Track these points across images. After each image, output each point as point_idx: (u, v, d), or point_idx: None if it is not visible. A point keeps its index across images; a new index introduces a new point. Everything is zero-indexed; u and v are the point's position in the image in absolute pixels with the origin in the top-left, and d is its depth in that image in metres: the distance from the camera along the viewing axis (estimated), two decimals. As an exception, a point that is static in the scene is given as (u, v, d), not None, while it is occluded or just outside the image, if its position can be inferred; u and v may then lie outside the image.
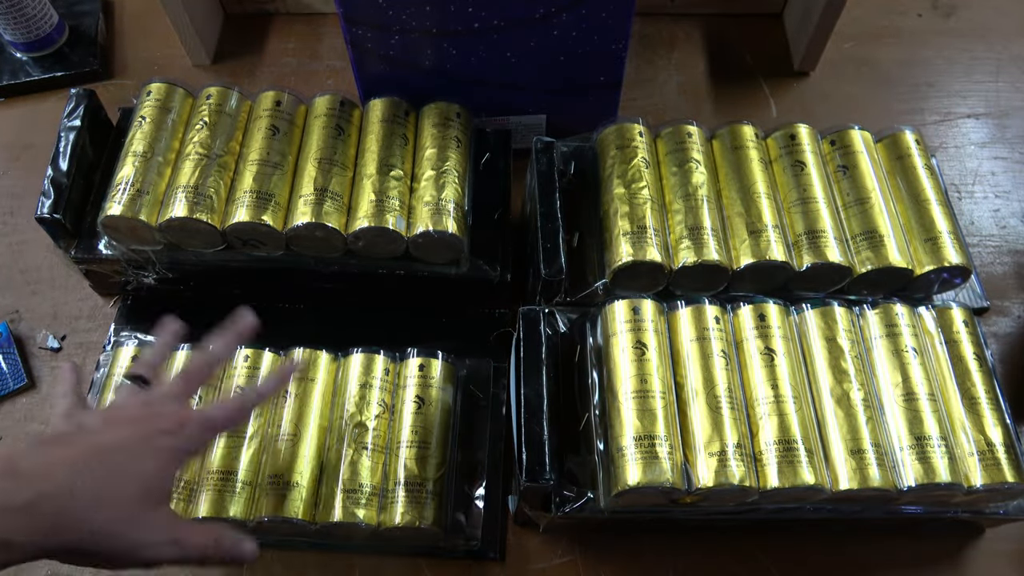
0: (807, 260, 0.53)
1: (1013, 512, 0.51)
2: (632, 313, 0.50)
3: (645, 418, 0.46)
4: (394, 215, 0.54)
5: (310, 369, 0.54)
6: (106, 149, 0.60)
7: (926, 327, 0.52)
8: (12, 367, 0.61)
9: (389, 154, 0.56)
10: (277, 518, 0.49)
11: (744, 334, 0.51)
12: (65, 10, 0.78)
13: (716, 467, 0.45)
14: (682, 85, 0.77)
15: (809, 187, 0.55)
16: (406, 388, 0.54)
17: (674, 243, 0.54)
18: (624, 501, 0.47)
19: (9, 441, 0.59)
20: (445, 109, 0.59)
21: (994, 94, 0.78)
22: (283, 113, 0.58)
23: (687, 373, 0.49)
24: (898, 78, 0.79)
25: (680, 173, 0.56)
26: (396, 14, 0.56)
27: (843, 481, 0.47)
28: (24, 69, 0.75)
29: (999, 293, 0.66)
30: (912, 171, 0.57)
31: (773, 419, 0.47)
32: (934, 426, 0.48)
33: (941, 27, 0.82)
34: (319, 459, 0.52)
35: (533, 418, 0.47)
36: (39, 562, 0.53)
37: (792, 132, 0.58)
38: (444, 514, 0.52)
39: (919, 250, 0.55)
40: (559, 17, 0.56)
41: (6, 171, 0.71)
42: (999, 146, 0.74)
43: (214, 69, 0.78)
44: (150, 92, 0.58)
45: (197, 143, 0.56)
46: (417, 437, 0.52)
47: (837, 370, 0.49)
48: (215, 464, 0.51)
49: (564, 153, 0.59)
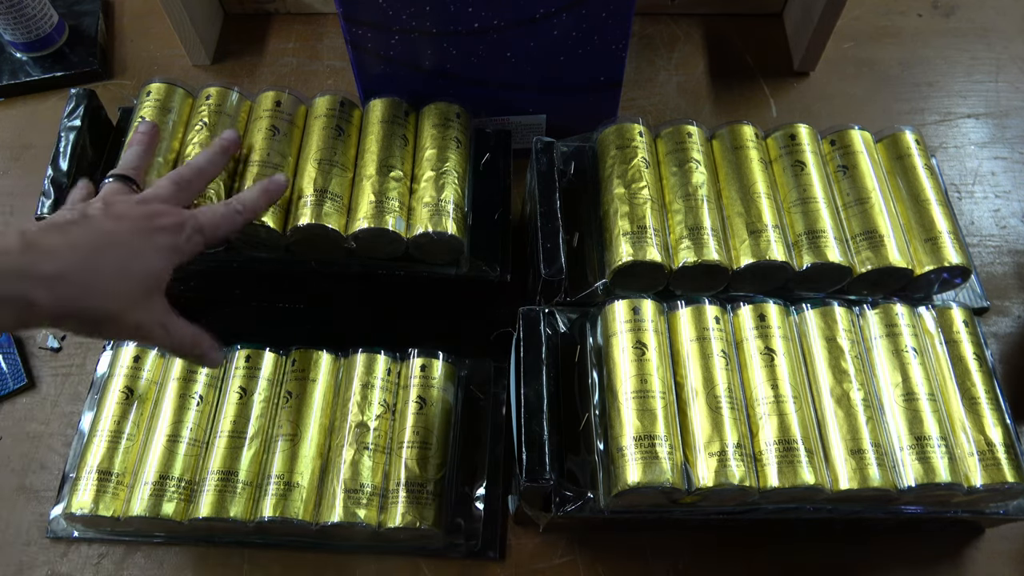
0: (807, 260, 0.53)
1: (1013, 512, 0.51)
2: (632, 313, 0.50)
3: (645, 418, 0.46)
4: (394, 216, 0.54)
5: (311, 369, 0.54)
6: (106, 149, 0.60)
7: (926, 327, 0.52)
8: (12, 367, 0.61)
9: (389, 155, 0.56)
10: (278, 518, 0.49)
11: (744, 334, 0.51)
12: (65, 10, 0.78)
13: (716, 467, 0.46)
14: (682, 85, 0.77)
15: (809, 187, 0.55)
16: (408, 388, 0.54)
17: (674, 243, 0.54)
18: (624, 501, 0.47)
19: (9, 442, 0.59)
20: (445, 109, 0.59)
21: (994, 94, 0.78)
22: (283, 113, 0.58)
23: (687, 373, 0.49)
24: (898, 78, 0.79)
25: (680, 173, 0.56)
26: (396, 14, 0.56)
27: (843, 481, 0.47)
28: (24, 69, 0.75)
29: (999, 293, 0.66)
30: (912, 171, 0.57)
31: (773, 419, 0.47)
32: (934, 426, 0.48)
33: (941, 27, 0.82)
34: (320, 459, 0.52)
35: (533, 418, 0.47)
36: (38, 561, 0.54)
37: (792, 132, 0.58)
38: (444, 514, 0.52)
39: (919, 250, 0.55)
40: (559, 17, 0.56)
41: (6, 171, 0.71)
42: (999, 146, 0.74)
43: (214, 69, 0.78)
44: (150, 92, 0.58)
45: (197, 144, 0.56)
46: (418, 437, 0.52)
47: (837, 370, 0.49)
48: (216, 464, 0.51)
49: (564, 153, 0.59)
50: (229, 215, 0.49)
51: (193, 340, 0.47)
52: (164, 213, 0.46)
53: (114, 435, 0.53)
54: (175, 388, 0.54)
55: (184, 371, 0.54)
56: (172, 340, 0.46)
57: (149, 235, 0.44)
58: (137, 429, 0.53)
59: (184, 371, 0.54)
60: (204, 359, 0.48)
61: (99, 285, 0.41)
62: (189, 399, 0.53)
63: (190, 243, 0.46)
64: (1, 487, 0.57)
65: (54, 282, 0.39)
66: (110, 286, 0.41)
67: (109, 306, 0.41)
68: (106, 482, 0.51)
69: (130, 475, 0.52)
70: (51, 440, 0.59)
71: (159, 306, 0.45)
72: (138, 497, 0.50)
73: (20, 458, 0.58)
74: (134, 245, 0.43)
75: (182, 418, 0.53)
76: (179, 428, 0.52)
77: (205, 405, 0.54)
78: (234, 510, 0.50)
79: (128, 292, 0.42)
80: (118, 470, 0.52)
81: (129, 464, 0.52)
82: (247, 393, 0.54)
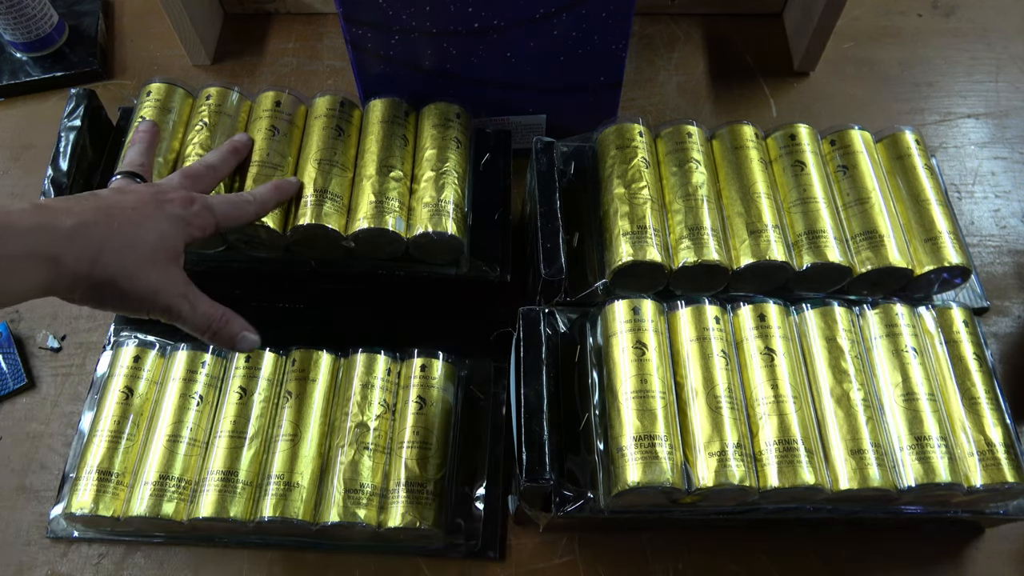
0: (807, 260, 0.53)
1: (1013, 512, 0.51)
2: (632, 313, 0.50)
3: (645, 418, 0.46)
4: (393, 216, 0.54)
5: (311, 369, 0.54)
6: (106, 149, 0.60)
7: (926, 327, 0.52)
8: (12, 367, 0.61)
9: (389, 155, 0.56)
10: (277, 518, 0.49)
11: (744, 334, 0.51)
12: (65, 10, 0.78)
13: (716, 467, 0.46)
14: (682, 85, 0.77)
15: (809, 187, 0.55)
16: (408, 388, 0.54)
17: (674, 243, 0.54)
18: (624, 501, 0.47)
19: (9, 442, 0.59)
20: (445, 109, 0.59)
21: (994, 94, 0.78)
22: (283, 113, 0.58)
23: (687, 373, 0.49)
24: (898, 78, 0.79)
25: (680, 173, 0.56)
26: (396, 14, 0.56)
27: (843, 481, 0.47)
28: (24, 69, 0.75)
29: (999, 293, 0.66)
30: (912, 171, 0.57)
31: (773, 419, 0.47)
32: (934, 426, 0.48)
33: (941, 27, 0.82)
34: (320, 459, 0.52)
35: (533, 418, 0.47)
36: (38, 561, 0.54)
37: (792, 132, 0.58)
38: (444, 514, 0.52)
39: (919, 250, 0.55)
40: (559, 17, 0.56)
41: (6, 171, 0.71)
42: (999, 146, 0.74)
43: (214, 69, 0.78)
44: (150, 92, 0.58)
45: (197, 144, 0.56)
46: (418, 437, 0.52)
47: (837, 370, 0.49)
48: (216, 464, 0.51)
49: (564, 153, 0.59)
50: (240, 203, 0.50)
51: (222, 318, 0.46)
52: (173, 190, 0.47)
53: (114, 435, 0.53)
54: (175, 388, 0.54)
55: (184, 371, 0.54)
56: (196, 316, 0.45)
57: (159, 205, 0.45)
58: (137, 429, 0.53)
59: (184, 371, 0.54)
60: (235, 341, 0.47)
61: (115, 242, 0.41)
62: (189, 399, 0.53)
63: (200, 218, 0.46)
64: (1, 487, 0.57)
65: (73, 237, 0.40)
66: (125, 244, 0.42)
67: (128, 264, 0.42)
68: (106, 482, 0.51)
69: (130, 475, 0.52)
70: (51, 440, 0.59)
71: (178, 276, 0.45)
72: (138, 497, 0.51)
73: (20, 458, 0.58)
74: (145, 211, 0.44)
75: (182, 418, 0.53)
76: (179, 428, 0.52)
77: (205, 405, 0.54)
78: (234, 510, 0.50)
79: (144, 253, 0.43)
80: (118, 470, 0.52)
81: (129, 464, 0.52)
82: (247, 393, 0.54)
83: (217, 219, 0.48)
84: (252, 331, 0.48)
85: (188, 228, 0.46)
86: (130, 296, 0.43)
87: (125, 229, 0.42)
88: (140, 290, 0.43)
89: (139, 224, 0.43)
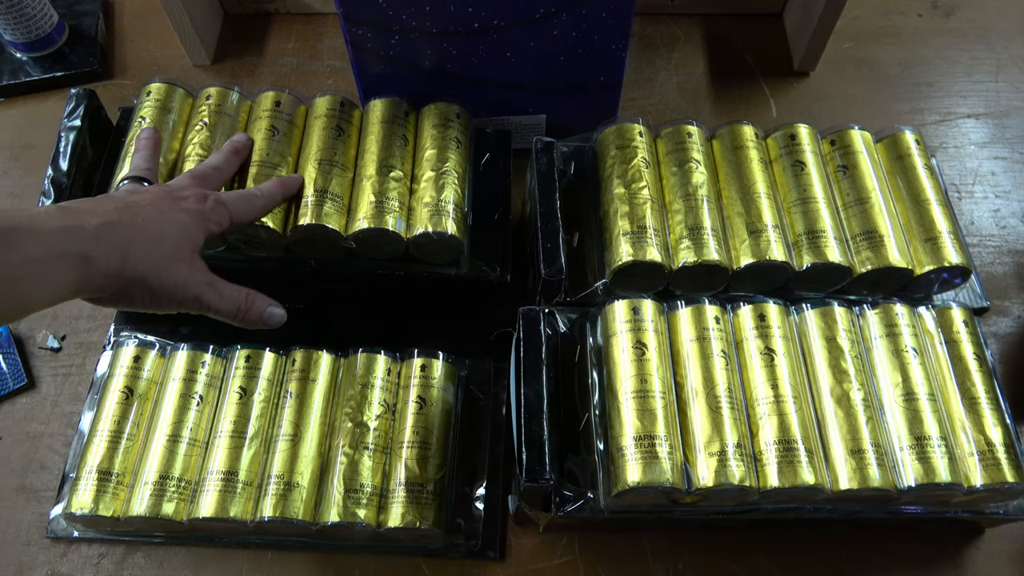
0: (807, 260, 0.53)
1: (1013, 512, 0.51)
2: (632, 313, 0.50)
3: (645, 418, 0.46)
4: (393, 216, 0.54)
5: (311, 369, 0.54)
6: (106, 149, 0.60)
7: (926, 327, 0.52)
8: (12, 367, 0.61)
9: (389, 155, 0.56)
10: (277, 518, 0.49)
11: (744, 334, 0.51)
12: (65, 10, 0.78)
13: (716, 467, 0.46)
14: (682, 85, 0.77)
15: (809, 187, 0.55)
16: (408, 388, 0.54)
17: (674, 243, 0.54)
18: (624, 501, 0.47)
19: (9, 442, 0.59)
20: (445, 110, 0.59)
21: (994, 94, 0.78)
22: (283, 113, 0.58)
23: (687, 373, 0.49)
24: (898, 78, 0.79)
25: (680, 173, 0.56)
26: (396, 14, 0.56)
27: (843, 481, 0.47)
28: (24, 69, 0.75)
29: (999, 293, 0.66)
30: (912, 171, 0.57)
31: (773, 419, 0.47)
32: (934, 426, 0.48)
33: (941, 27, 0.82)
34: (320, 459, 0.52)
35: (533, 418, 0.47)
36: (38, 561, 0.54)
37: (792, 132, 0.58)
38: (444, 514, 0.52)
39: (919, 250, 0.55)
40: (559, 17, 0.56)
41: (6, 171, 0.71)
42: (999, 146, 0.74)
43: (214, 69, 0.78)
44: (150, 92, 0.58)
45: (197, 144, 0.56)
46: (418, 438, 0.52)
47: (837, 370, 0.49)
48: (216, 464, 0.51)
49: (564, 153, 0.59)
50: (250, 197, 0.51)
51: (247, 298, 0.47)
52: (184, 188, 0.48)
53: (114, 435, 0.53)
54: (175, 388, 0.54)
55: (184, 371, 0.54)
56: (224, 300, 0.46)
57: (174, 202, 0.46)
58: (137, 429, 0.53)
59: (184, 371, 0.54)
60: (263, 319, 0.48)
61: (141, 239, 0.42)
62: (189, 399, 0.53)
63: (216, 212, 0.47)
64: (1, 487, 0.57)
65: (100, 236, 0.40)
66: (151, 240, 0.43)
67: (155, 261, 0.43)
68: (106, 482, 0.51)
69: (130, 475, 0.52)
70: (51, 440, 0.59)
71: (201, 267, 0.46)
72: (138, 497, 0.51)
73: (20, 458, 0.58)
74: (162, 207, 0.45)
75: (182, 418, 0.53)
76: (179, 428, 0.52)
77: (205, 405, 0.54)
78: (234, 510, 0.50)
79: (169, 248, 0.44)
80: (118, 470, 0.52)
81: (129, 464, 0.52)
82: (247, 393, 0.54)
83: (231, 213, 0.49)
84: (277, 305, 0.49)
85: (206, 223, 0.47)
86: (160, 292, 0.43)
87: (148, 226, 0.43)
88: (169, 285, 0.43)
89: (160, 221, 0.44)
